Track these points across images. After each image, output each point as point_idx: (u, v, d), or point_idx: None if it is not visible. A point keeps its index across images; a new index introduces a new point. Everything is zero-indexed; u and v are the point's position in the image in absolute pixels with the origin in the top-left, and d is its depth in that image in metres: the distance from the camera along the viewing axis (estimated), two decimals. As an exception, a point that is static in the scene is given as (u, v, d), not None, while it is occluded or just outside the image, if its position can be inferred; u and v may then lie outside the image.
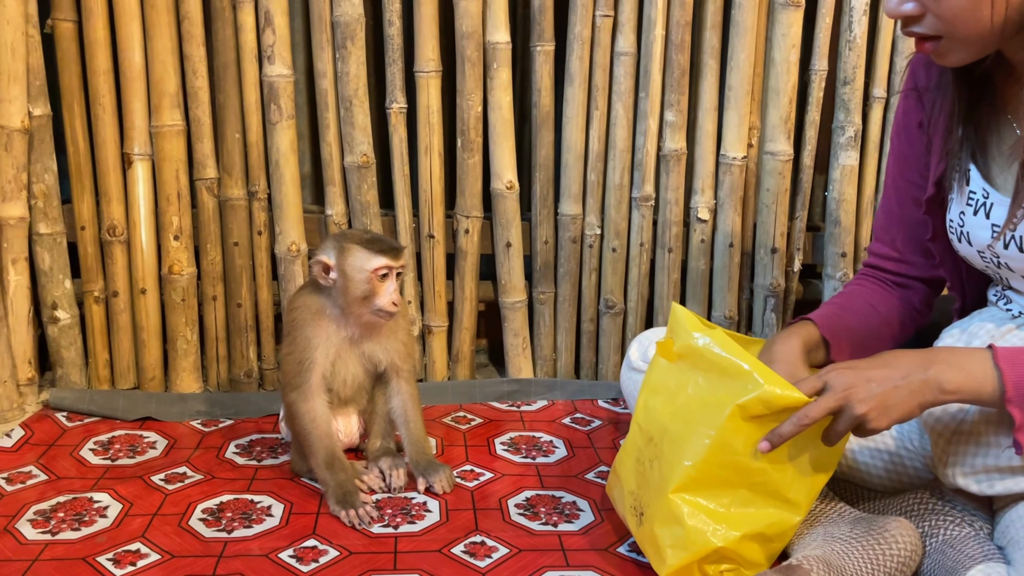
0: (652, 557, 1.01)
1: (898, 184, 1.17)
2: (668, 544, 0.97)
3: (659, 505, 0.98)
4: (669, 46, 1.54)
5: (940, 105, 1.06)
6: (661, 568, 0.99)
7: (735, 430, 0.95)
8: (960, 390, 0.90)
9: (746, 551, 0.98)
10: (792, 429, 0.92)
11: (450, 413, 1.53)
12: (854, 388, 0.91)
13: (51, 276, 1.52)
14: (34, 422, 1.42)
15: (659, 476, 1.00)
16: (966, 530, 0.98)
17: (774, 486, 0.98)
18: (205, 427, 1.45)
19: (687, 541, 0.96)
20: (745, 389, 0.94)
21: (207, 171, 1.53)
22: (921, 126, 1.12)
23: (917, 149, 1.13)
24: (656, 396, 1.04)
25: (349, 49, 1.49)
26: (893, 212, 1.18)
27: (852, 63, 1.57)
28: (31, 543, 1.08)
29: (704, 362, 0.99)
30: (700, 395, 0.99)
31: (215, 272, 1.56)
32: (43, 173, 1.48)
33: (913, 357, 0.93)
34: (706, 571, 0.99)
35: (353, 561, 1.05)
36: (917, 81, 1.11)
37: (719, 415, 0.95)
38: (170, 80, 1.47)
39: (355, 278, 1.17)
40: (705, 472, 0.96)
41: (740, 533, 0.97)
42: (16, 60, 1.38)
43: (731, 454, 0.96)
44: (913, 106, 1.12)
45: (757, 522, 0.98)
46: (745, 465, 0.96)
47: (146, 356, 1.56)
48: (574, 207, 1.61)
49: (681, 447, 0.97)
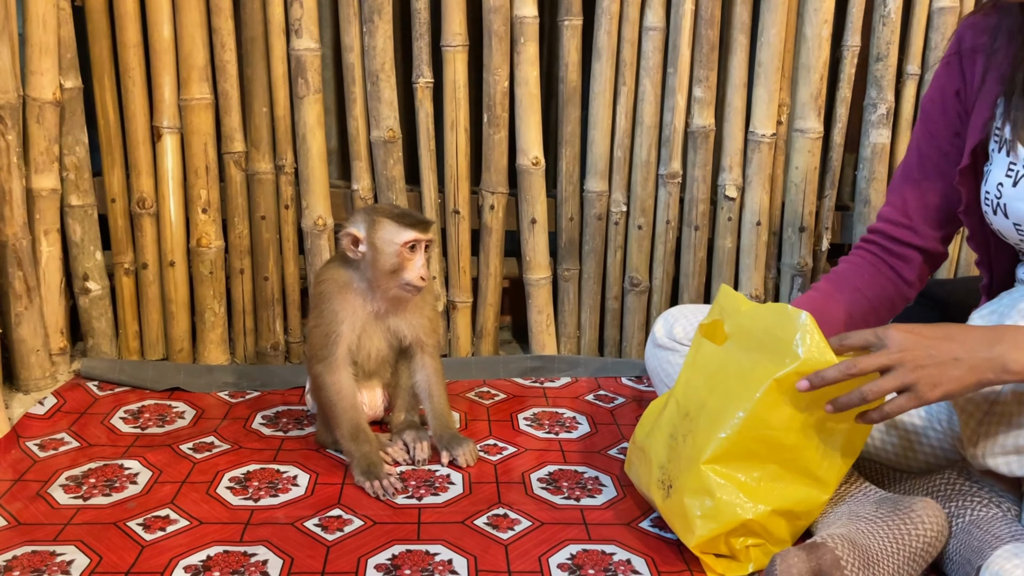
0: (680, 528, 1.01)
1: (922, 150, 1.14)
2: (697, 515, 0.97)
3: (690, 476, 0.99)
4: (699, 21, 1.52)
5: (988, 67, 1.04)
6: (689, 538, 0.99)
7: (771, 404, 0.95)
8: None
9: (773, 526, 0.98)
10: (836, 375, 0.90)
11: (474, 388, 1.54)
12: (911, 352, 0.88)
13: (82, 248, 1.54)
14: (66, 391, 1.45)
15: (692, 449, 1.00)
16: (993, 511, 0.97)
17: (805, 463, 0.97)
18: (232, 398, 1.47)
19: (717, 512, 0.96)
20: (783, 363, 0.94)
21: (235, 145, 1.54)
22: (958, 95, 1.10)
23: (949, 117, 1.11)
24: (698, 374, 1.04)
25: (376, 23, 1.49)
26: (911, 178, 1.15)
27: (885, 39, 1.54)
28: (63, 507, 1.10)
29: (751, 339, 0.99)
30: (741, 370, 0.98)
31: (242, 245, 1.57)
32: (74, 145, 1.50)
33: (979, 333, 0.90)
34: (732, 544, 0.99)
35: (377, 531, 1.06)
36: (962, 44, 1.09)
37: (756, 389, 0.95)
38: (199, 53, 1.48)
39: (385, 251, 1.17)
40: (738, 445, 0.96)
41: (770, 508, 0.97)
42: (47, 33, 1.40)
43: (765, 428, 0.96)
44: (954, 72, 1.10)
45: (787, 498, 0.98)
46: (778, 440, 0.96)
47: (175, 328, 1.58)
48: (600, 184, 1.60)
49: (717, 420, 0.98)
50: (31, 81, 1.40)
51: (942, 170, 1.11)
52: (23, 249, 1.39)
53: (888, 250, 1.16)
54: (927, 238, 1.14)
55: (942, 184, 1.11)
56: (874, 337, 0.91)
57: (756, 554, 1.00)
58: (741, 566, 1.00)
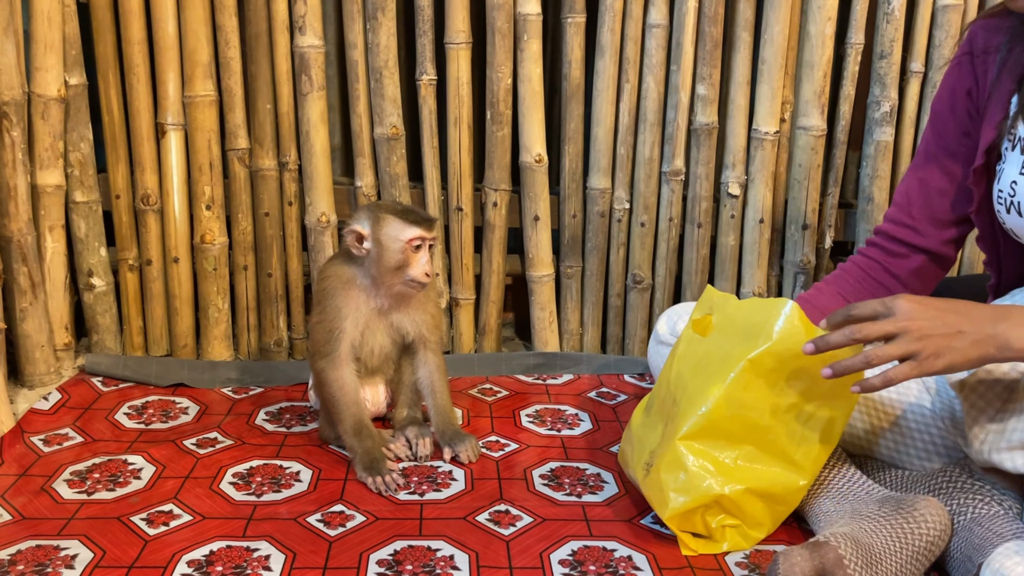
0: (656, 502, 1.03)
1: (930, 151, 1.15)
2: (671, 488, 1.00)
3: (667, 452, 1.01)
4: (702, 18, 1.52)
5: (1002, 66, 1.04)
6: (663, 511, 1.01)
7: (745, 384, 0.98)
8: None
9: (750, 507, 1.00)
10: (841, 339, 0.91)
11: (476, 385, 1.54)
12: (918, 321, 0.89)
13: (87, 244, 1.54)
14: (70, 386, 1.46)
15: (672, 428, 1.02)
16: (995, 508, 0.97)
17: (781, 446, 1.00)
18: (236, 394, 1.47)
19: (690, 485, 0.99)
20: (757, 343, 0.97)
21: (239, 141, 1.54)
22: (969, 94, 1.10)
23: (959, 117, 1.11)
24: (685, 363, 1.06)
25: (380, 20, 1.49)
26: (917, 179, 1.16)
27: (889, 36, 1.54)
28: (67, 502, 1.11)
29: (735, 328, 1.02)
30: (721, 354, 1.01)
31: (246, 242, 1.58)
32: (79, 142, 1.50)
33: (985, 310, 0.91)
34: (707, 522, 1.01)
35: (379, 526, 1.07)
36: (974, 45, 1.09)
37: (732, 369, 0.98)
38: (203, 50, 1.48)
39: (389, 248, 1.17)
40: (714, 423, 0.99)
41: (744, 486, 0.99)
42: (52, 29, 1.40)
43: (740, 408, 0.98)
44: (966, 72, 1.11)
45: (762, 479, 1.00)
46: (753, 421, 0.99)
47: (178, 324, 1.58)
48: (603, 181, 1.60)
49: (695, 400, 1.00)
50: (36, 78, 1.40)
51: (949, 171, 1.11)
52: (28, 245, 1.40)
53: (888, 251, 1.17)
54: (931, 239, 1.14)
55: (949, 185, 1.11)
56: (882, 307, 0.92)
57: (732, 535, 1.02)
58: (716, 544, 1.02)
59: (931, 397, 1.12)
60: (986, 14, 1.11)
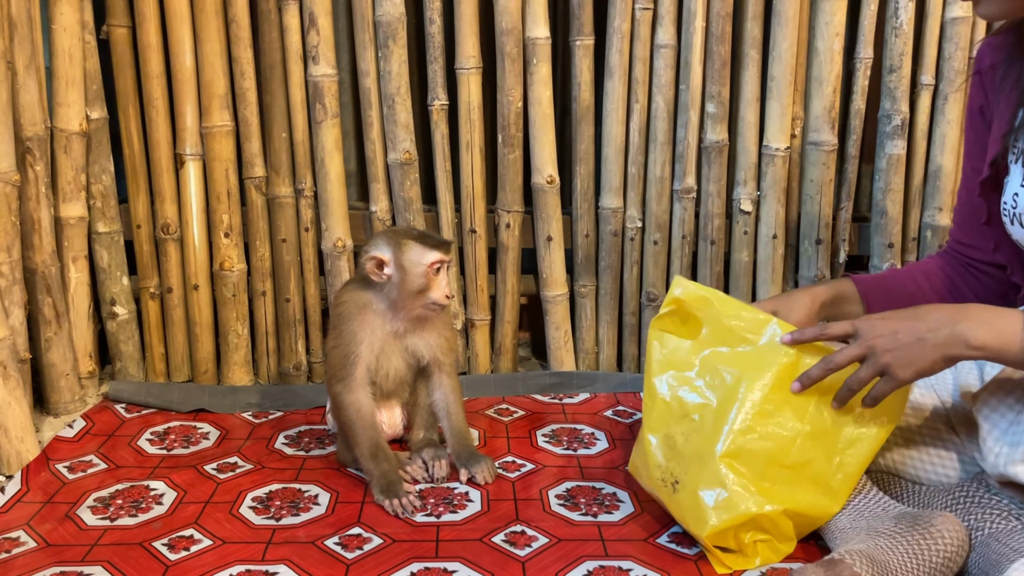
0: (692, 520, 1.03)
1: (965, 169, 1.20)
2: (710, 506, 1.00)
3: (702, 470, 1.01)
4: (710, 38, 1.53)
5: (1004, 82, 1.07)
6: (702, 529, 1.01)
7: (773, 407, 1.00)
8: (986, 347, 0.91)
9: (783, 524, 1.01)
10: (819, 373, 0.98)
11: (493, 405, 1.55)
12: (880, 338, 0.94)
13: (109, 273, 1.58)
14: (94, 413, 1.48)
15: (700, 444, 1.03)
16: (1012, 523, 0.97)
17: (817, 469, 1.01)
18: (256, 418, 1.49)
19: (730, 504, 0.99)
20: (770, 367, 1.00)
21: (255, 170, 1.57)
22: (982, 111, 1.14)
23: (978, 134, 1.15)
24: (681, 371, 1.08)
25: (391, 48, 1.52)
26: (961, 196, 1.21)
27: (898, 50, 1.54)
28: (91, 528, 1.13)
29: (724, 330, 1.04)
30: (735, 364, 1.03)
31: (264, 268, 1.60)
32: (100, 174, 1.54)
33: (944, 311, 0.94)
34: (741, 538, 1.01)
35: (396, 549, 1.08)
36: (981, 63, 1.14)
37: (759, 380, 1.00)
38: (219, 82, 1.52)
39: (412, 272, 1.19)
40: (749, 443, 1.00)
41: (782, 507, 1.00)
42: (74, 65, 1.44)
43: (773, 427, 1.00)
44: (976, 90, 1.15)
45: (800, 503, 1.01)
46: (788, 442, 1.00)
47: (199, 350, 1.61)
48: (615, 200, 1.61)
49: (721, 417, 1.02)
50: (58, 113, 1.44)
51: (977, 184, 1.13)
52: (52, 276, 1.43)
53: (964, 264, 1.20)
54: (986, 252, 1.16)
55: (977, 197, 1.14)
56: (851, 327, 0.98)
57: (763, 549, 1.02)
58: (748, 560, 1.02)
59: (946, 411, 1.11)
60: (991, 32, 1.15)
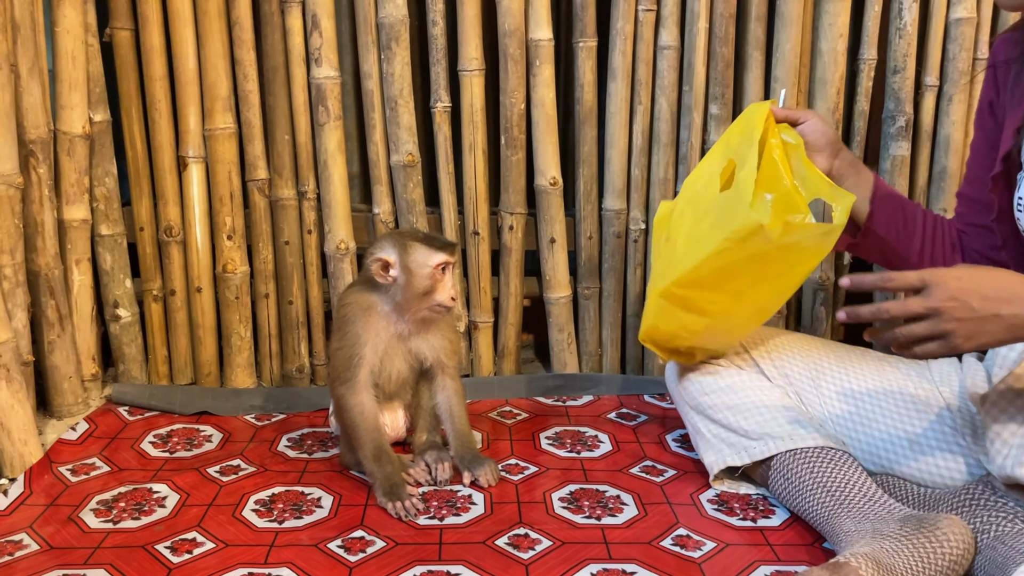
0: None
1: (970, 163, 1.20)
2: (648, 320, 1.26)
3: (652, 293, 1.23)
4: (713, 39, 1.53)
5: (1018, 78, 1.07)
6: None
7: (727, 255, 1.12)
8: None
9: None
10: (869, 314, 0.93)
11: (496, 408, 1.54)
12: (954, 304, 0.89)
13: (112, 276, 1.58)
14: (98, 416, 1.48)
15: (664, 268, 1.22)
16: (1019, 526, 0.96)
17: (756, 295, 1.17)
18: (259, 421, 1.49)
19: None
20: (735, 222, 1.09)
21: (258, 172, 1.57)
22: (991, 106, 1.14)
23: (987, 129, 1.15)
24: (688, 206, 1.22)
25: (394, 50, 1.52)
26: (963, 193, 1.21)
27: (902, 51, 1.54)
28: (94, 531, 1.13)
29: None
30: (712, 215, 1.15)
31: (267, 270, 1.60)
32: (104, 177, 1.54)
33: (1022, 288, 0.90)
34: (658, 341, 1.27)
35: (399, 552, 1.08)
36: (996, 56, 1.14)
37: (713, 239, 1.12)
38: (222, 84, 1.52)
39: (418, 274, 1.19)
40: (698, 276, 1.15)
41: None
42: (77, 68, 1.44)
43: (725, 264, 1.13)
44: (989, 85, 1.15)
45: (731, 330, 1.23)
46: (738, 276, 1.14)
47: (202, 352, 1.61)
48: (618, 202, 1.61)
49: (687, 253, 1.17)
50: (61, 116, 1.44)
51: (983, 180, 1.13)
52: (55, 279, 1.43)
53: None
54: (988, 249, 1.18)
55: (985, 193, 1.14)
56: (919, 282, 0.91)
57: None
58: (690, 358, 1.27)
59: (952, 413, 1.11)
60: (1008, 28, 1.15)
